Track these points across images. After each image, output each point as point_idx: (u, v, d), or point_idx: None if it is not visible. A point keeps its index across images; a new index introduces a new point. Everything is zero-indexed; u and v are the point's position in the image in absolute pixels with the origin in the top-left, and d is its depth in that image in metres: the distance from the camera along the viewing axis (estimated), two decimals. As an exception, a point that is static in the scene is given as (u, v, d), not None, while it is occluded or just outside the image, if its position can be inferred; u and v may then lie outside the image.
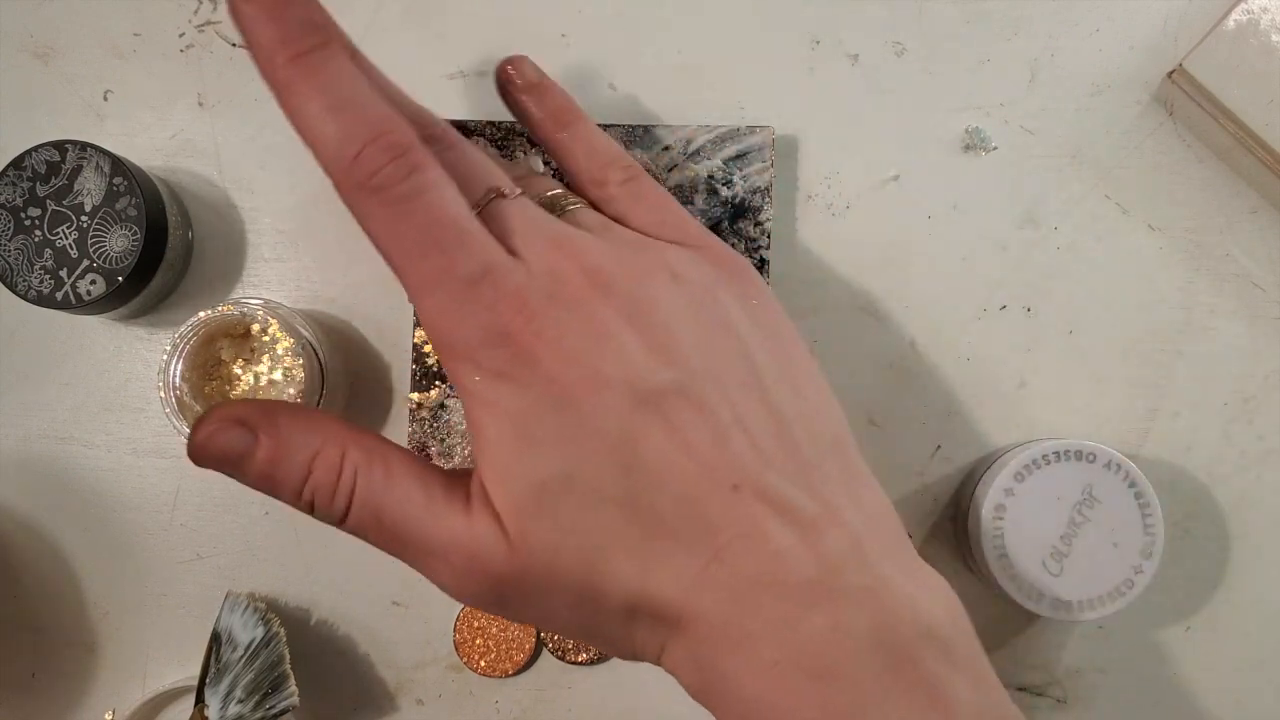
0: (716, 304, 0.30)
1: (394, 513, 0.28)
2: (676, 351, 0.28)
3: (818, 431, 0.29)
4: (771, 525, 0.26)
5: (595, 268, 0.28)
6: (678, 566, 0.26)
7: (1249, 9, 0.41)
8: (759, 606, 0.26)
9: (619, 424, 0.27)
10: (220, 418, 0.28)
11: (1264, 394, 0.43)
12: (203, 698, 0.41)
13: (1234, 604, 0.43)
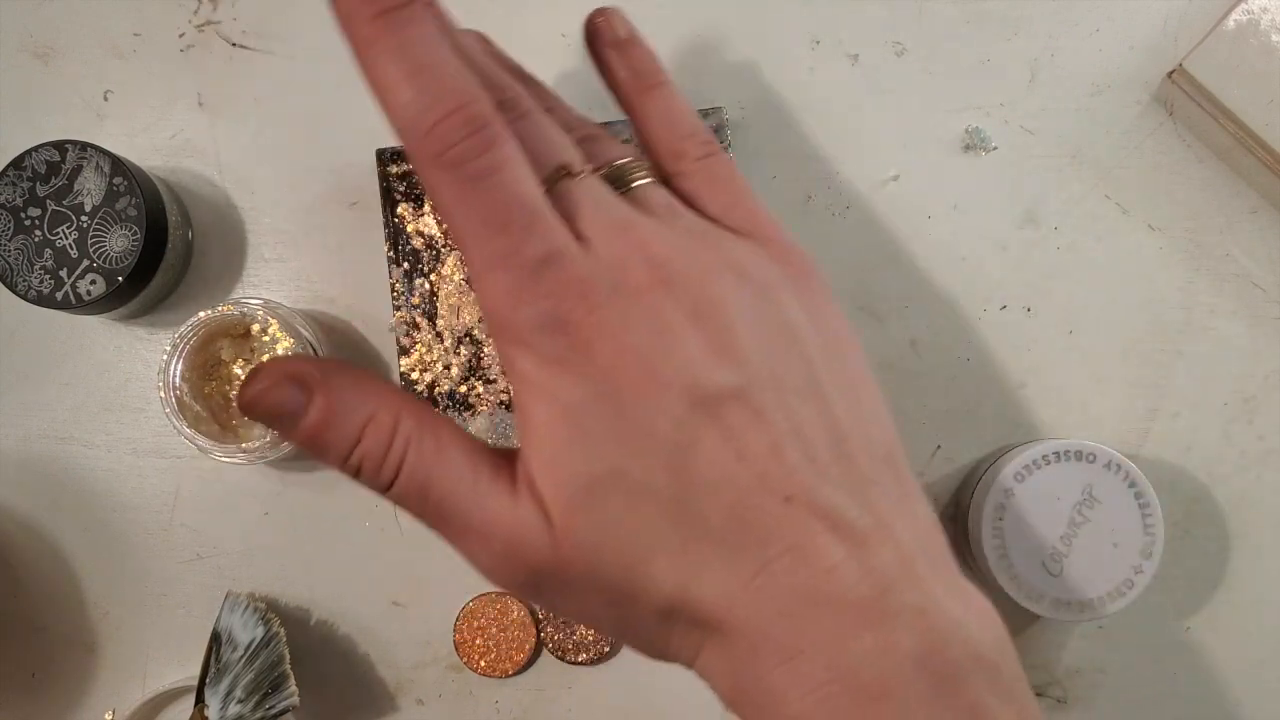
0: (779, 305, 0.29)
1: (440, 487, 0.27)
2: (737, 354, 0.27)
3: (873, 443, 0.28)
4: (824, 540, 0.26)
5: (661, 259, 0.27)
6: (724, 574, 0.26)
7: (1249, 9, 0.41)
8: (809, 623, 0.26)
9: (675, 426, 0.26)
10: (275, 373, 0.27)
11: (1264, 394, 0.43)
12: (203, 698, 0.41)
13: (1234, 604, 0.43)
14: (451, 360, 0.42)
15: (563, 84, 0.45)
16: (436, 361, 0.42)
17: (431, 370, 0.42)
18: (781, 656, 0.26)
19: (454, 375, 0.42)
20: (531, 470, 0.27)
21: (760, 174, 0.44)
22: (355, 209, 0.45)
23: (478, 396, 0.42)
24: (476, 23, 0.45)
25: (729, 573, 0.26)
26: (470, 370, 0.42)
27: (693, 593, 0.26)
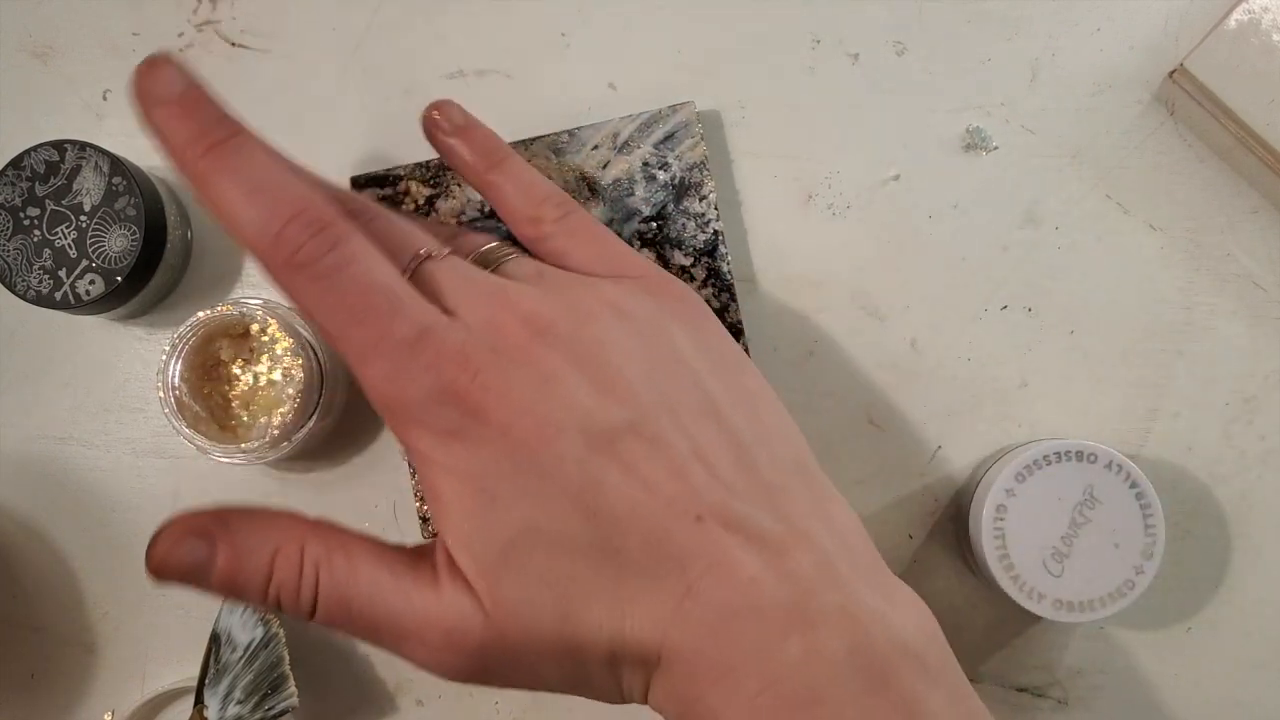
0: (662, 335, 0.29)
1: (362, 601, 0.27)
2: (625, 389, 0.28)
3: (779, 454, 0.29)
4: (739, 553, 0.26)
5: (534, 314, 0.28)
6: (652, 605, 0.26)
7: (1250, 8, 0.40)
8: (736, 637, 0.26)
9: (577, 470, 0.26)
10: (174, 532, 0.27)
11: (1265, 394, 0.43)
12: (202, 698, 0.41)
13: (1235, 604, 0.43)
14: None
15: (565, 84, 0.45)
16: None
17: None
18: (715, 675, 0.26)
19: None
20: (450, 548, 0.27)
21: (760, 174, 0.44)
22: (355, 209, 0.45)
23: None
24: (477, 24, 0.45)
25: (657, 602, 0.26)
26: None
27: (629, 631, 0.26)
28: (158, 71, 0.28)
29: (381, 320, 0.26)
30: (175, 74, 0.28)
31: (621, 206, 0.42)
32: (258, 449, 0.40)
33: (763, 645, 0.26)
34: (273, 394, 0.42)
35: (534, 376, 0.27)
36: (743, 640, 0.26)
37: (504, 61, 0.45)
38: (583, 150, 0.42)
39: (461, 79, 0.45)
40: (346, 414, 0.44)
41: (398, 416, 0.27)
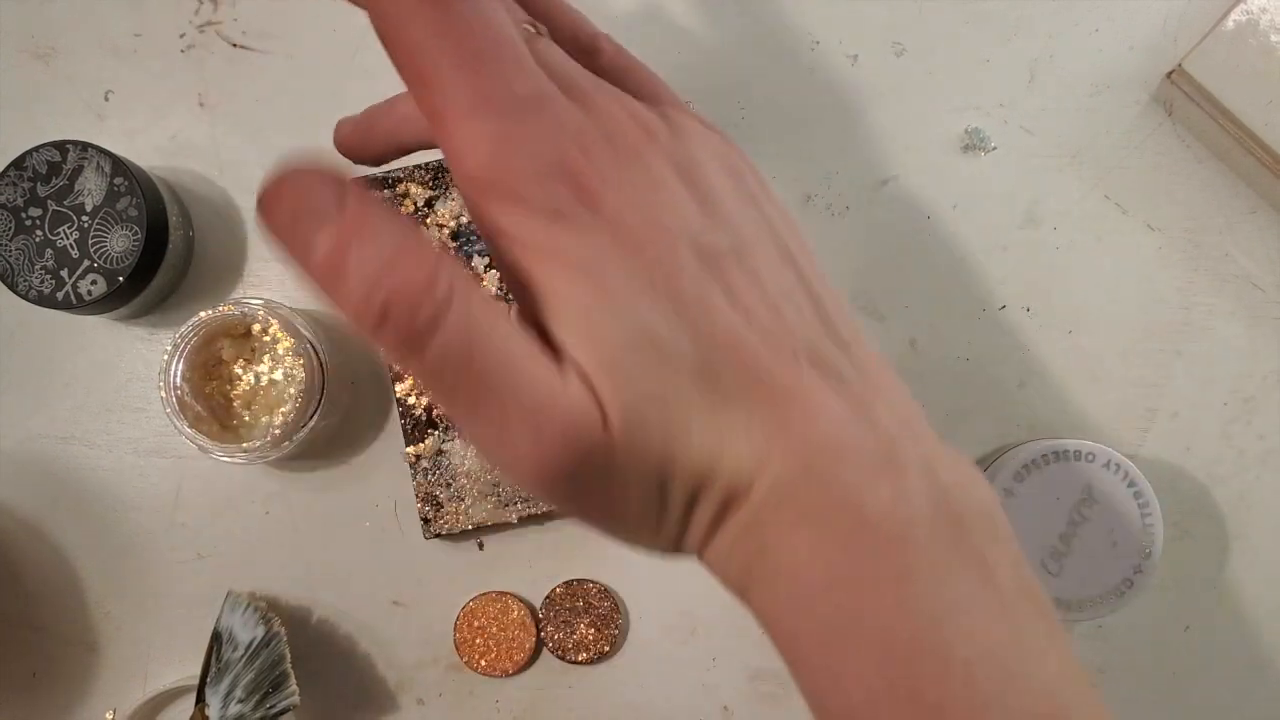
0: (740, 175, 0.28)
1: (490, 351, 0.22)
2: (726, 215, 0.26)
3: (842, 309, 0.28)
4: (830, 396, 0.25)
5: (640, 115, 0.26)
6: (749, 436, 0.25)
7: (1248, 9, 0.41)
8: (828, 480, 0.24)
9: (690, 283, 0.24)
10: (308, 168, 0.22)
11: (1263, 394, 0.43)
12: (203, 697, 0.41)
13: (1233, 603, 0.43)
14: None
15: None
16: None
17: (428, 393, 0.42)
18: (803, 518, 0.24)
19: None
20: (561, 336, 0.24)
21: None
22: (355, 209, 0.45)
23: None
24: None
25: (753, 433, 0.25)
26: None
27: (725, 460, 0.25)
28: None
29: (506, 71, 0.23)
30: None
31: None
32: (259, 448, 0.40)
33: (856, 486, 0.24)
34: (274, 393, 0.42)
35: (646, 176, 0.24)
36: (836, 481, 0.24)
37: (504, 62, 0.45)
38: None
39: (462, 79, 0.45)
40: (347, 414, 0.44)
41: (496, 189, 0.23)
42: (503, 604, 0.44)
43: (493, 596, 0.44)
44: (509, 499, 0.42)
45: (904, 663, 0.24)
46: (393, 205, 0.23)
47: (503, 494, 0.42)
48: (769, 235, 0.27)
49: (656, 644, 0.44)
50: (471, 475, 0.42)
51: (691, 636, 0.44)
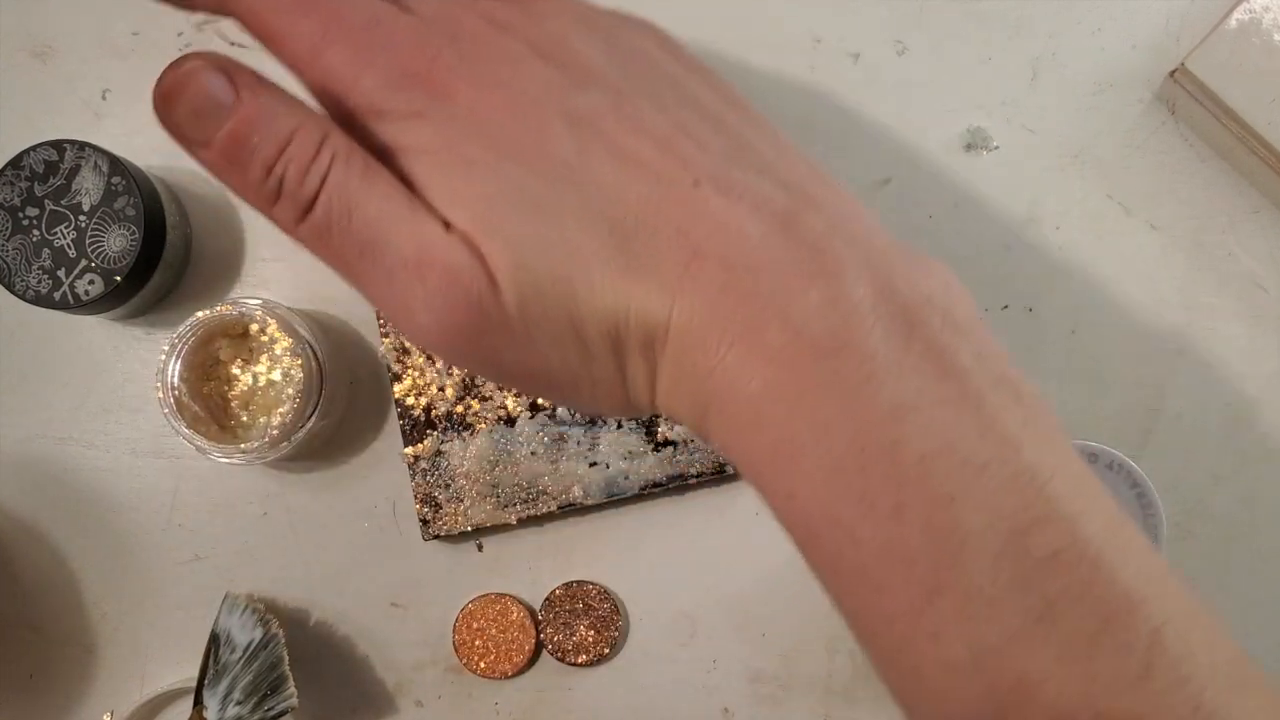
0: (632, 40, 0.27)
1: (368, 209, 0.24)
2: (595, 75, 0.26)
3: (772, 137, 0.27)
4: (742, 217, 0.25)
5: (490, 12, 0.26)
6: (656, 275, 0.24)
7: (1251, 8, 0.40)
8: (750, 292, 0.24)
9: (560, 143, 0.25)
10: (196, 60, 0.24)
11: (1266, 394, 0.43)
12: (201, 699, 0.41)
13: (1235, 604, 0.43)
14: (445, 381, 0.42)
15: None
16: (430, 385, 0.42)
17: (426, 394, 0.42)
18: (730, 337, 0.24)
19: (449, 396, 0.42)
20: (446, 216, 0.25)
21: (761, 173, 0.44)
22: (354, 209, 0.45)
23: (475, 415, 0.42)
24: None
25: (661, 270, 0.25)
26: (465, 389, 0.42)
27: (635, 301, 0.25)
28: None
29: (333, 5, 0.25)
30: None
31: None
32: (257, 449, 0.40)
33: (780, 296, 0.24)
34: (272, 394, 0.42)
35: (498, 60, 0.25)
36: (757, 294, 0.24)
37: (504, 61, 0.45)
38: None
39: (461, 78, 0.45)
40: (345, 414, 0.44)
41: (356, 109, 0.25)
42: (502, 606, 0.43)
43: (492, 598, 0.44)
44: (508, 500, 0.42)
45: (854, 470, 0.23)
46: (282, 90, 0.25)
47: (502, 495, 0.42)
48: (661, 84, 0.27)
49: (656, 646, 0.44)
50: (470, 476, 0.42)
51: (691, 638, 0.43)
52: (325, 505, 0.44)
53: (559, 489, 0.42)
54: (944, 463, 0.23)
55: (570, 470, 0.42)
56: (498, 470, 0.42)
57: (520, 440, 0.42)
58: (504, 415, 0.42)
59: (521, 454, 0.42)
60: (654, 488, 0.42)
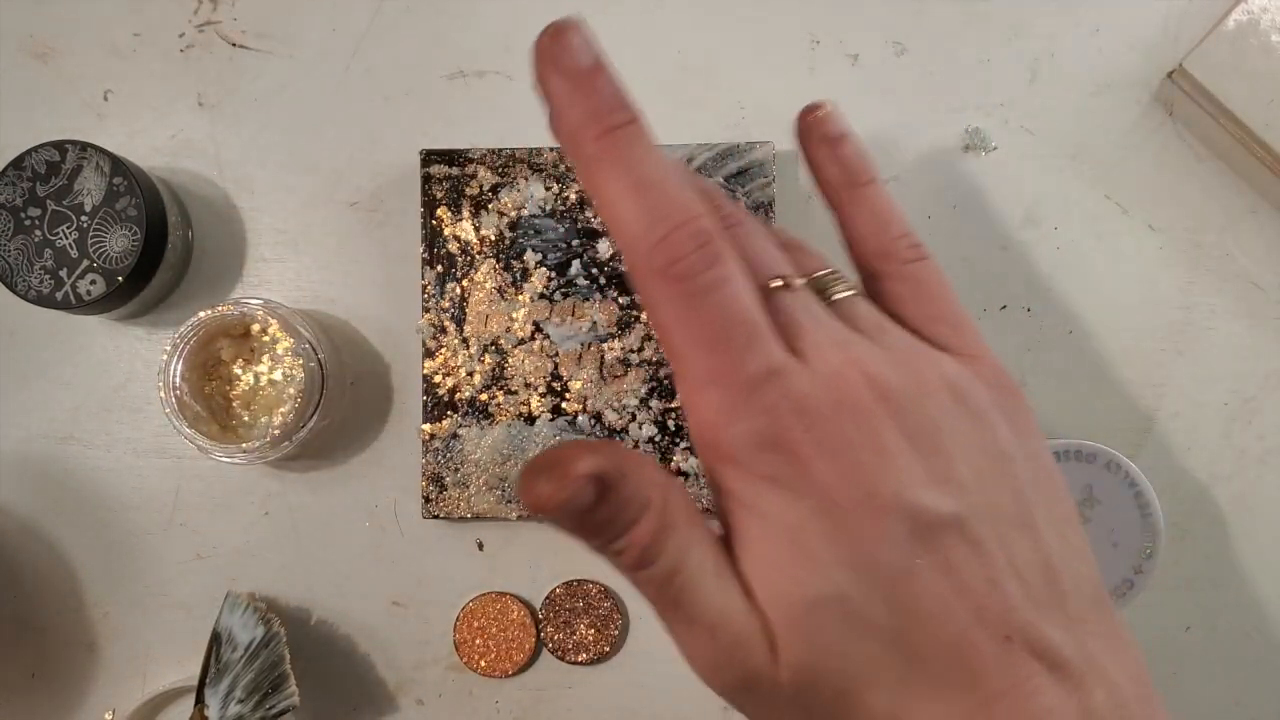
0: (992, 431, 0.28)
1: (685, 576, 0.26)
2: (955, 481, 0.26)
3: (1083, 580, 0.28)
4: (1041, 681, 0.25)
5: (879, 378, 0.27)
6: (938, 711, 0.25)
7: (1249, 9, 0.41)
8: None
9: (897, 554, 0.25)
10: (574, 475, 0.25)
11: (1264, 394, 0.43)
12: (203, 698, 0.41)
13: (1234, 604, 0.43)
14: (475, 367, 0.42)
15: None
16: (460, 367, 0.42)
17: (454, 375, 0.42)
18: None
19: (476, 383, 0.42)
20: (751, 584, 0.26)
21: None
22: (355, 209, 0.45)
23: (498, 406, 0.42)
24: (477, 23, 0.45)
25: (944, 709, 0.25)
26: (493, 379, 0.42)
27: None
28: (565, 38, 0.26)
29: (735, 353, 0.26)
30: (584, 44, 0.26)
31: None
32: (259, 448, 0.40)
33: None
34: (273, 394, 0.42)
35: (869, 444, 0.26)
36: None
37: (504, 62, 0.45)
38: None
39: (461, 79, 0.45)
40: (347, 414, 0.44)
41: (716, 450, 0.26)
42: (502, 604, 0.44)
43: (492, 597, 0.44)
44: (513, 495, 0.42)
45: None
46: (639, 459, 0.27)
47: (507, 490, 0.42)
48: (1007, 499, 0.27)
49: (656, 645, 0.44)
50: (480, 465, 0.42)
51: (691, 637, 0.44)
52: (326, 504, 0.44)
53: None
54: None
55: None
56: (508, 465, 0.42)
57: (537, 440, 0.42)
58: (525, 413, 0.42)
59: (535, 454, 0.42)
60: None
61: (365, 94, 0.45)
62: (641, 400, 0.42)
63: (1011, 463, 0.28)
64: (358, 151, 0.45)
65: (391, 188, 0.45)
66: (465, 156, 0.43)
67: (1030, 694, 0.25)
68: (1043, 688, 0.25)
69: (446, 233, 0.43)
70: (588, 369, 0.42)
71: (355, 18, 0.45)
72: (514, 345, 0.42)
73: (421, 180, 0.43)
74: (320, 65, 0.45)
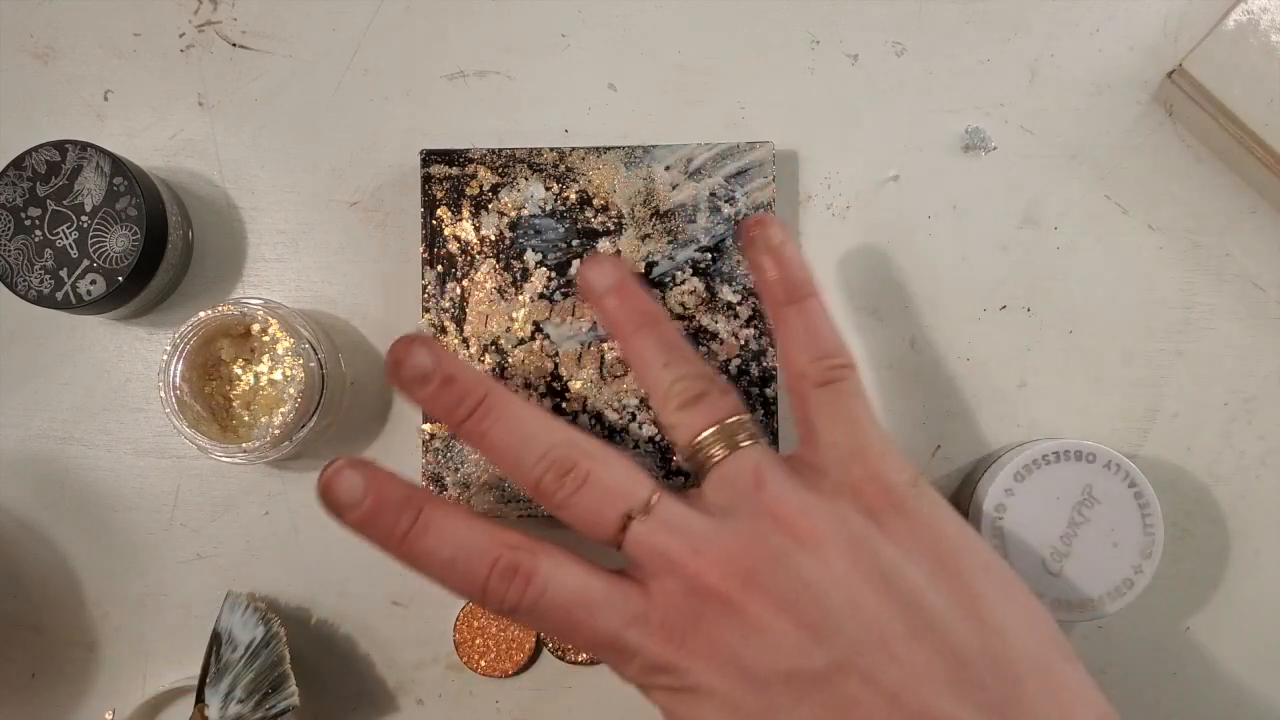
0: (874, 557, 0.30)
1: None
2: (829, 626, 0.28)
3: (1006, 658, 0.29)
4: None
5: (737, 565, 0.29)
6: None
7: (1249, 9, 0.41)
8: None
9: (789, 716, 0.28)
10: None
11: (1264, 394, 0.43)
12: (203, 697, 0.41)
13: (1233, 604, 0.43)
14: (475, 367, 0.42)
15: (564, 83, 0.45)
16: None
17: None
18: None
19: None
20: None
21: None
22: (355, 209, 0.45)
23: None
24: (477, 24, 0.45)
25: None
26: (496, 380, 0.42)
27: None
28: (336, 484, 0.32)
29: (586, 627, 0.30)
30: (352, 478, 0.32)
31: (681, 231, 0.42)
32: (259, 448, 0.40)
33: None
34: (274, 394, 0.42)
35: (738, 630, 0.29)
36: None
37: (504, 61, 0.45)
38: (655, 168, 0.42)
39: (461, 79, 0.45)
40: (347, 414, 0.44)
41: (635, 685, 0.31)
42: (502, 604, 0.44)
43: (492, 597, 0.44)
44: (512, 496, 0.42)
45: None
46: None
47: (507, 491, 0.42)
48: (897, 617, 0.29)
49: (656, 644, 0.44)
50: (480, 465, 0.42)
51: (691, 637, 0.43)
52: (326, 504, 0.44)
53: None
54: None
55: None
56: None
57: None
58: None
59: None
60: None
61: (365, 94, 0.45)
62: (641, 400, 0.42)
63: (895, 580, 0.29)
64: (358, 151, 0.45)
65: (391, 188, 0.45)
66: (465, 156, 0.43)
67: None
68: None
69: (446, 233, 0.43)
70: (588, 369, 0.42)
71: (355, 18, 0.45)
72: (514, 345, 0.42)
73: (421, 180, 0.43)
74: (320, 65, 0.45)
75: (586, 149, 0.43)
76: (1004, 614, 0.30)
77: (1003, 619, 0.29)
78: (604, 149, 0.42)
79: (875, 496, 0.31)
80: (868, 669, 0.28)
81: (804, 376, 0.34)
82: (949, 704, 0.27)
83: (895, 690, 0.27)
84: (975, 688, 0.28)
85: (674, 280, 0.42)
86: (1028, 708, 0.28)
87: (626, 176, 0.42)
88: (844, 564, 0.29)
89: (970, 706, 0.27)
